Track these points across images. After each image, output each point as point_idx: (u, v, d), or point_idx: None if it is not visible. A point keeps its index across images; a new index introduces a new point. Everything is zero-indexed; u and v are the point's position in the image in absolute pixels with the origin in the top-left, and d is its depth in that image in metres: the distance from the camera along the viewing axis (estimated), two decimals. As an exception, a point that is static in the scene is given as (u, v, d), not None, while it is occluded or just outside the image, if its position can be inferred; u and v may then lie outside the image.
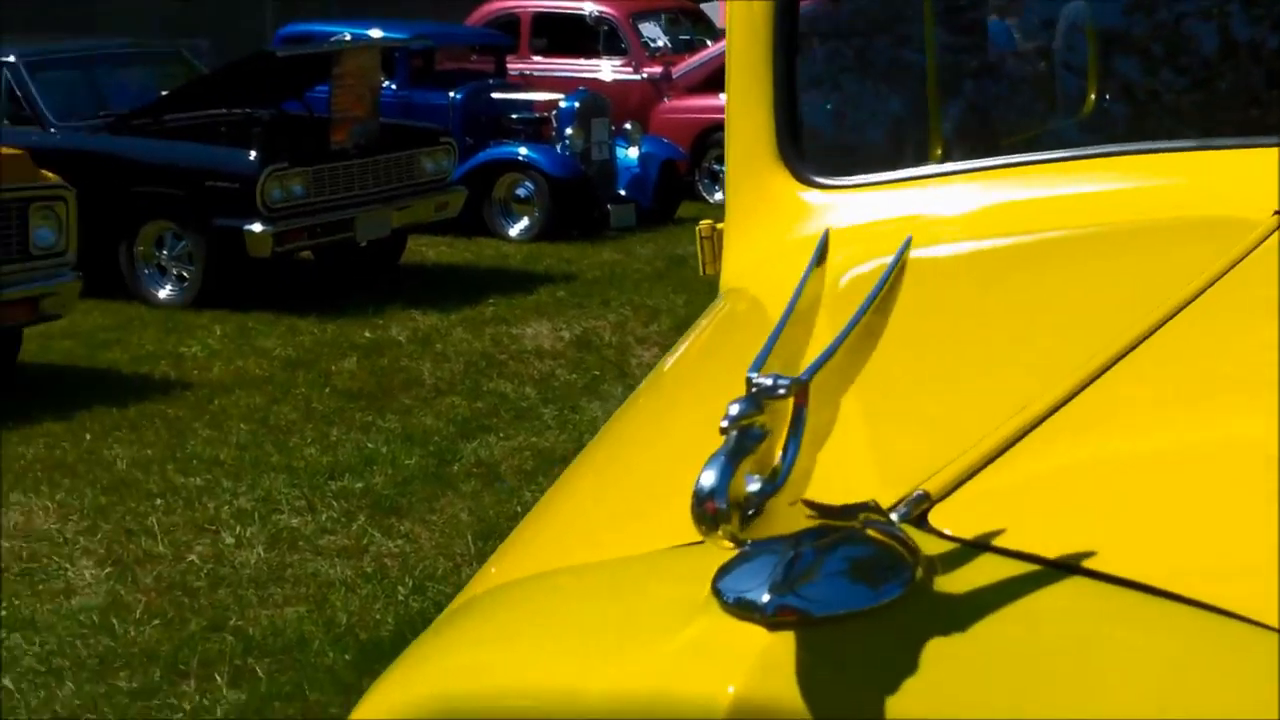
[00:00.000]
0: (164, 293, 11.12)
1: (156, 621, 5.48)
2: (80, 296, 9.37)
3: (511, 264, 12.71)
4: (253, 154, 10.84)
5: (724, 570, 1.21)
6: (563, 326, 10.20)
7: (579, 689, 1.23)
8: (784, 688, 1.14)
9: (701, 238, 2.33)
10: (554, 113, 13.93)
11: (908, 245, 1.32)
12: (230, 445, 7.72)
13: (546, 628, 1.36)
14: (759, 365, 1.28)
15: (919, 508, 1.31)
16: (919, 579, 1.21)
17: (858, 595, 1.18)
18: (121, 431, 7.95)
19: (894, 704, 1.13)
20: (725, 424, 1.19)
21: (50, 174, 8.96)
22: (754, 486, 1.17)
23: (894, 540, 1.23)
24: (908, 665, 1.15)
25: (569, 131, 13.72)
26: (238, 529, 6.49)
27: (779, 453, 1.20)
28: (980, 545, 1.26)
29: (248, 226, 10.70)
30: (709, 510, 1.14)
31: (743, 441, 1.18)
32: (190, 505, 6.81)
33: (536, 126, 14.08)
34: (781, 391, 1.23)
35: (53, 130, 11.31)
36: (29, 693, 4.87)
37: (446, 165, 12.23)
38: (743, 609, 1.18)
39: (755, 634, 1.17)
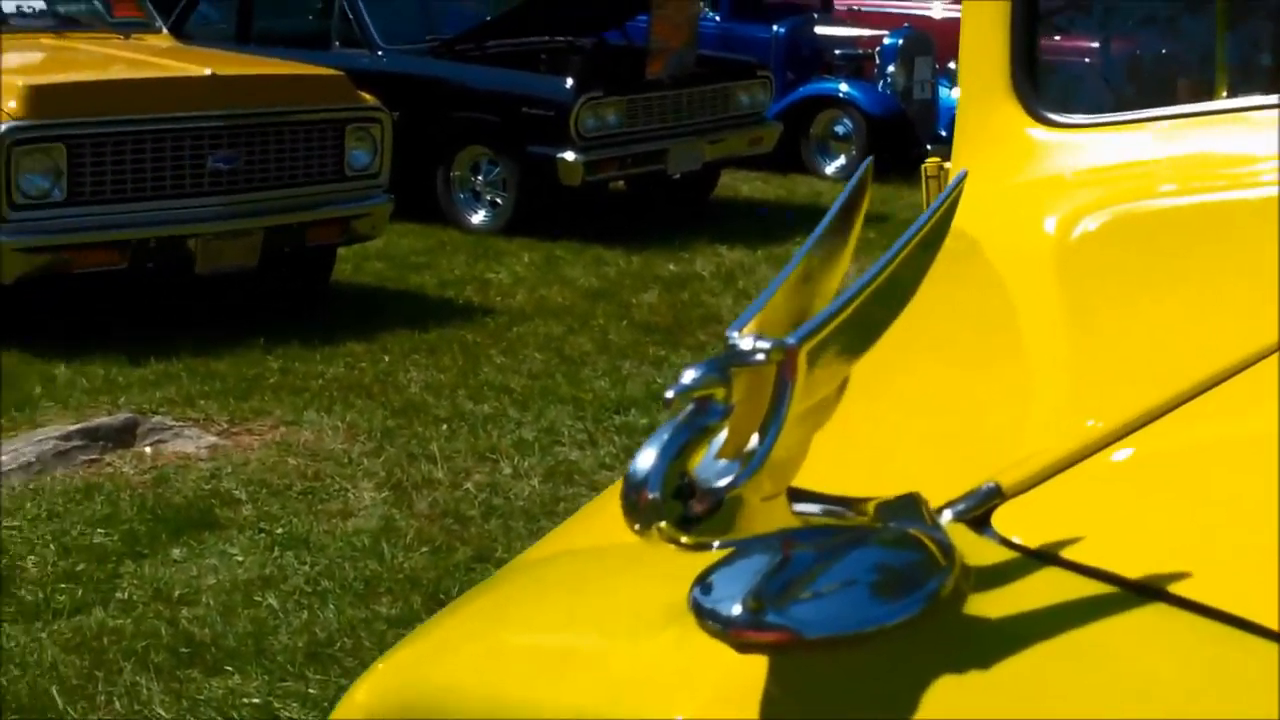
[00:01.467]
0: (477, 218, 11.27)
1: (425, 549, 5.54)
2: (395, 219, 9.55)
3: (824, 202, 12.54)
4: (569, 82, 10.90)
5: (712, 569, 1.03)
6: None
7: (524, 701, 1.09)
8: None
9: (927, 177, 2.18)
10: (877, 50, 13.71)
11: (959, 182, 1.08)
12: (522, 374, 7.77)
13: (520, 623, 1.21)
14: (742, 322, 1.03)
15: (984, 505, 1.11)
16: (948, 593, 1.01)
17: (861, 612, 0.98)
18: (419, 355, 8.07)
19: None
20: (672, 392, 0.96)
21: (368, 96, 9.12)
22: (714, 474, 0.96)
23: (927, 541, 1.03)
24: (908, 703, 0.96)
25: (890, 69, 13.50)
26: (517, 459, 6.52)
27: (755, 435, 0.98)
28: (1046, 556, 1.06)
29: (560, 154, 10.77)
30: (640, 501, 0.94)
31: (697, 418, 0.96)
32: (474, 432, 6.87)
33: (859, 63, 13.88)
34: (759, 357, 0.98)
35: (380, 53, 11.52)
36: (292, 613, 4.96)
37: (762, 99, 12.13)
38: (712, 623, 1.00)
39: (724, 653, 0.99)
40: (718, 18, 13.93)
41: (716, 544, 0.97)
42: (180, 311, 8.65)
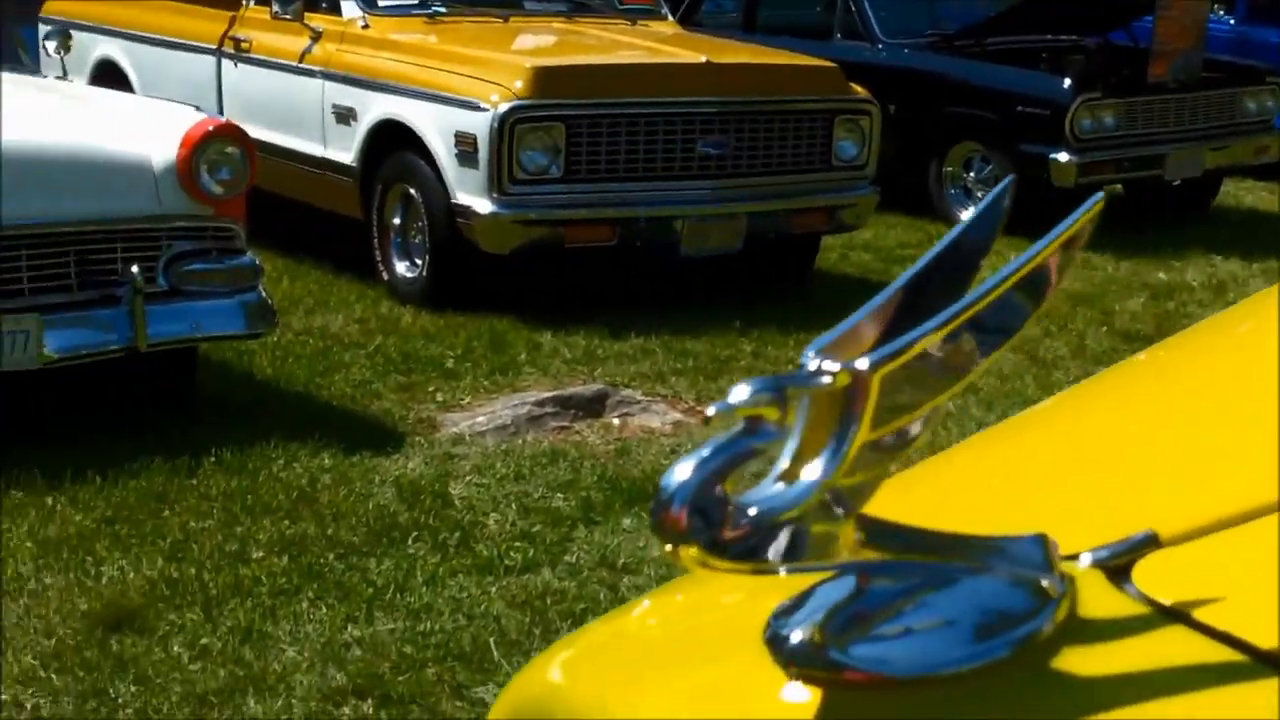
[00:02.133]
0: (966, 214, 11.20)
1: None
2: (885, 211, 9.59)
3: (1334, 216, 12.02)
4: (1066, 82, 10.73)
5: (792, 600, 0.99)
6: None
7: (602, 713, 1.06)
8: None
9: None
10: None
11: (1095, 202, 1.02)
12: (991, 374, 7.72)
13: (635, 641, 1.18)
14: (823, 342, 0.95)
15: (1133, 554, 1.04)
16: (1045, 638, 0.94)
17: (934, 654, 0.92)
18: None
19: None
20: (714, 410, 0.90)
21: (859, 88, 9.20)
22: (762, 500, 0.90)
23: (1033, 583, 0.96)
24: None
25: None
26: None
27: (814, 460, 0.91)
28: (1176, 614, 0.98)
29: (1054, 155, 10.62)
30: (665, 520, 0.89)
31: (743, 438, 0.90)
32: (935, 429, 6.86)
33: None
34: (825, 380, 0.90)
35: (879, 46, 11.59)
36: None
37: (1270, 107, 11.69)
38: (776, 653, 0.95)
39: (779, 681, 0.94)
40: (1231, 20, 13.47)
41: (783, 571, 0.92)
42: (662, 290, 8.91)
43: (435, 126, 8.43)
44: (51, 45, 8.30)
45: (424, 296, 8.49)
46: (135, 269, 6.11)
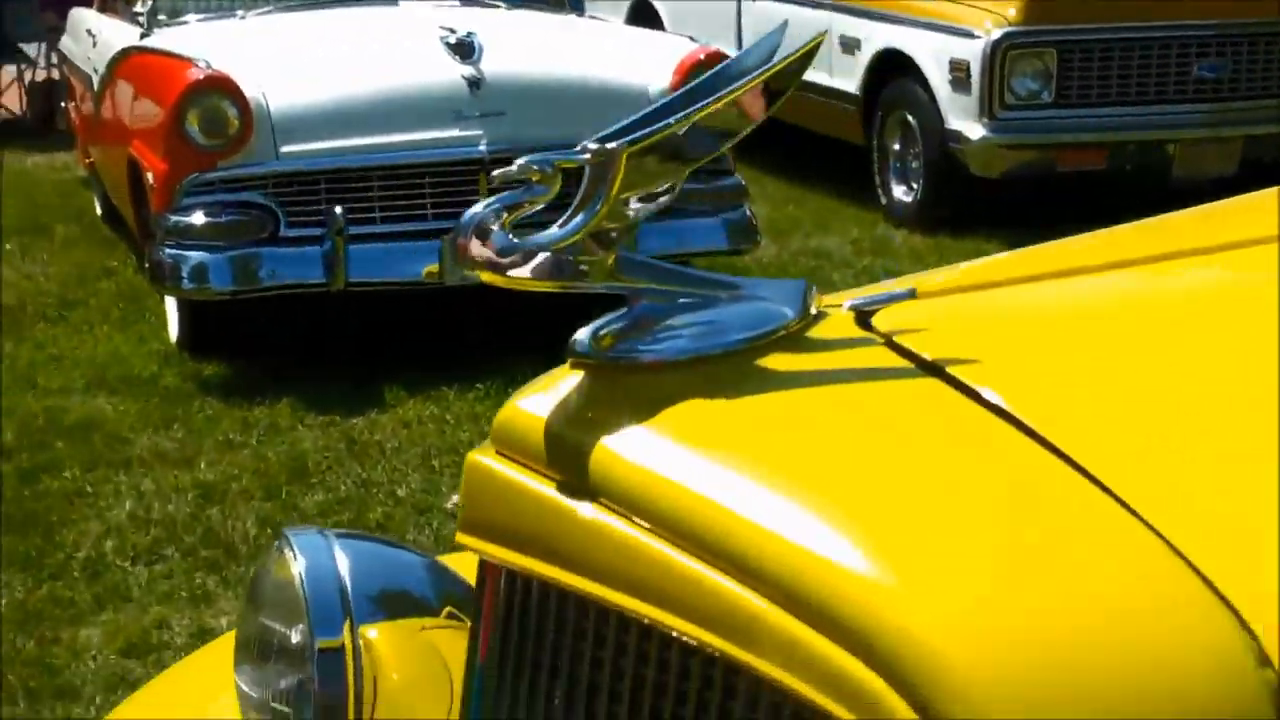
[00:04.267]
0: None
1: None
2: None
3: None
4: None
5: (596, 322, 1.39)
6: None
7: None
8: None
9: None
10: None
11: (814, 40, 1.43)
12: None
13: None
14: (605, 137, 1.34)
15: (889, 304, 1.39)
16: (777, 340, 1.32)
17: (692, 345, 1.33)
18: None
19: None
20: (499, 172, 1.33)
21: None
22: (535, 237, 1.31)
23: (780, 309, 1.35)
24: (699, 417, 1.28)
25: None
26: None
27: (581, 214, 1.31)
28: (890, 342, 1.34)
29: None
30: (460, 247, 1.29)
31: (520, 194, 1.32)
32: None
33: None
34: (585, 155, 1.29)
35: None
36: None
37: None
38: (571, 351, 1.37)
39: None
40: None
41: (552, 287, 1.34)
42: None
43: (932, 54, 8.74)
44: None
45: (918, 219, 8.83)
46: (628, 189, 6.66)
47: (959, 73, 8.55)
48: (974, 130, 8.50)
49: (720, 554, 1.19)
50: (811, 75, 9.70)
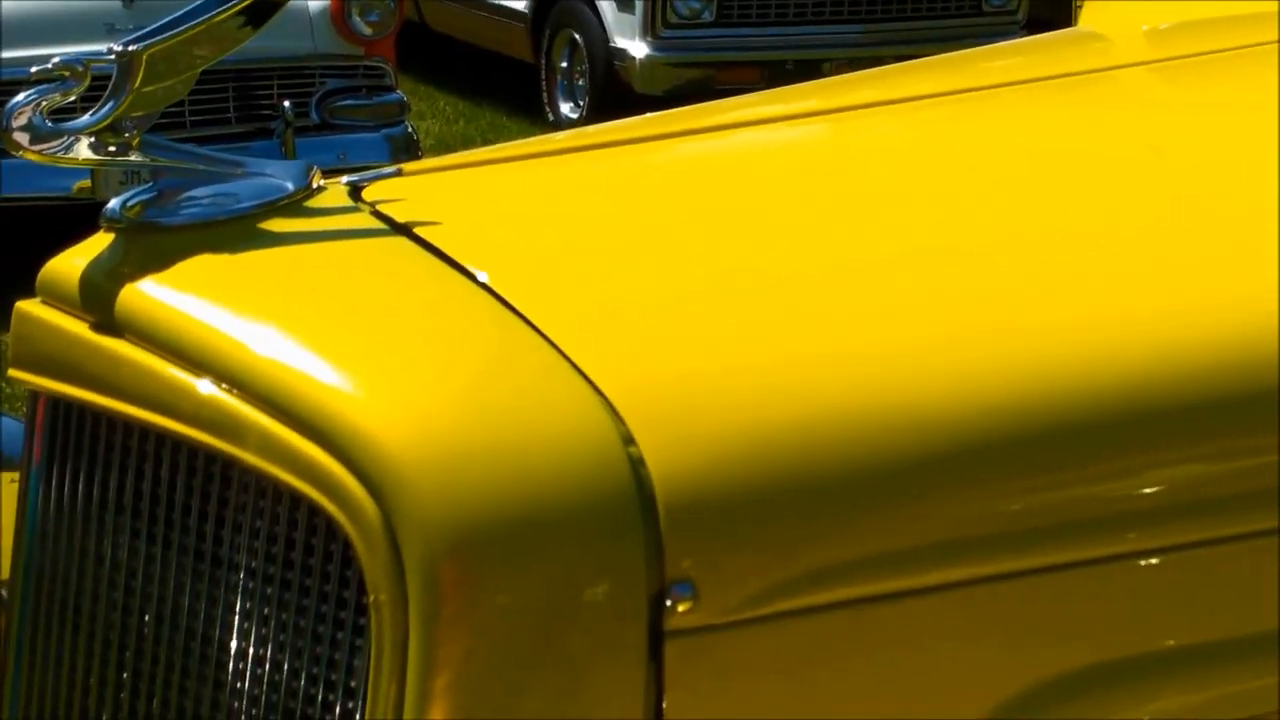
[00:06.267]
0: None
1: None
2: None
3: None
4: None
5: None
6: None
7: None
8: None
9: (1076, 7, 2.61)
10: None
11: None
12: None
13: None
14: (129, 38, 1.61)
15: (376, 180, 1.68)
16: (279, 206, 1.58)
17: (211, 210, 1.59)
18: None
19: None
20: (35, 68, 1.54)
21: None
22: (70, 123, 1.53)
23: (282, 182, 1.60)
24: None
25: None
26: None
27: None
28: (378, 213, 1.62)
29: None
30: (4, 131, 1.53)
31: (56, 86, 1.54)
32: None
33: None
34: (110, 55, 1.54)
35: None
36: None
37: None
38: (105, 219, 1.62)
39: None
40: None
41: (82, 159, 1.56)
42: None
43: (598, -27, 8.90)
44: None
45: (585, 136, 8.98)
46: (288, 104, 6.72)
47: (624, -9, 8.73)
48: (638, 49, 8.70)
49: (219, 372, 1.48)
50: (483, -7, 9.80)
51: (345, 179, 1.71)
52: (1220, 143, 1.93)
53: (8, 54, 6.45)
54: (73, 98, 1.58)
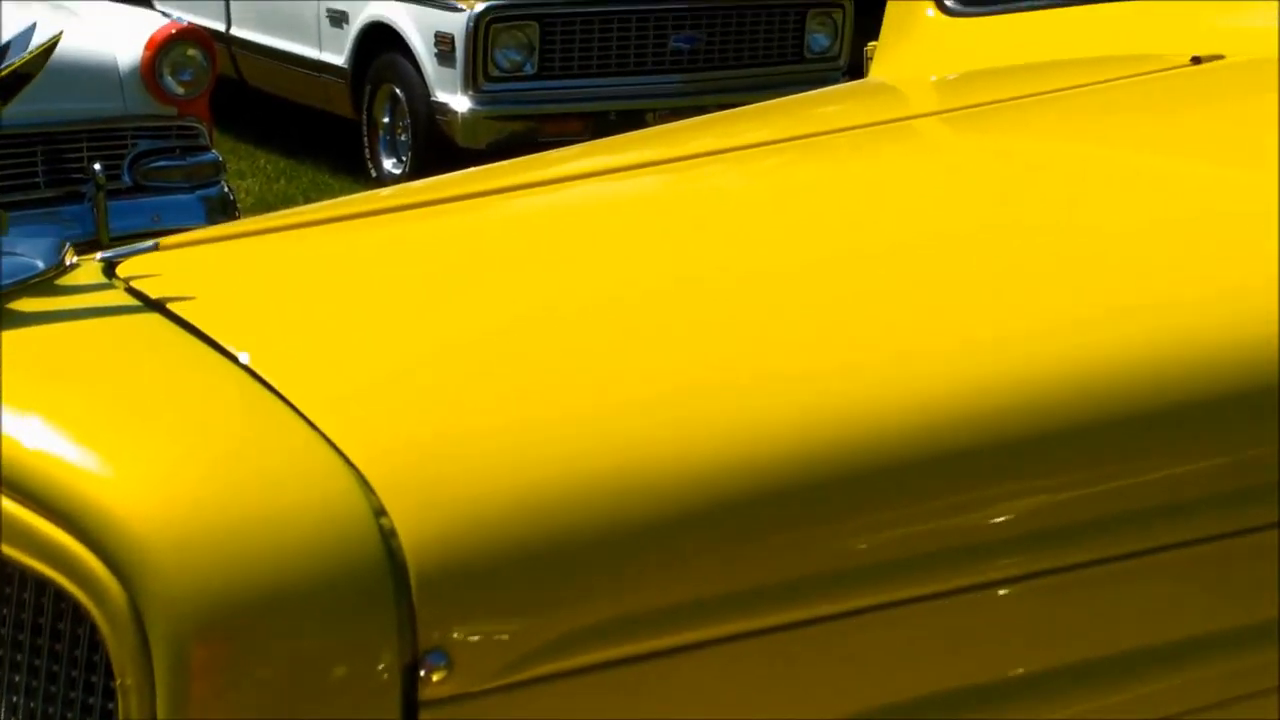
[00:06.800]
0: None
1: None
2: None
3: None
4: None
5: None
6: None
7: None
8: None
9: (866, 59, 2.59)
10: None
11: None
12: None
13: None
14: None
15: (136, 255, 1.65)
16: (28, 285, 1.53)
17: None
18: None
19: None
20: None
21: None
22: None
23: (33, 262, 1.55)
24: None
25: None
26: None
27: None
28: (132, 290, 1.59)
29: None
30: None
31: None
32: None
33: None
34: None
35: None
36: None
37: None
38: None
39: None
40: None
41: None
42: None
43: (417, 27, 8.79)
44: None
45: (408, 191, 8.87)
46: (99, 166, 6.53)
47: (444, 45, 8.63)
48: (460, 102, 8.60)
49: None
50: (300, 49, 9.66)
51: (100, 255, 1.68)
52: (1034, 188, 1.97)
53: None
54: None
